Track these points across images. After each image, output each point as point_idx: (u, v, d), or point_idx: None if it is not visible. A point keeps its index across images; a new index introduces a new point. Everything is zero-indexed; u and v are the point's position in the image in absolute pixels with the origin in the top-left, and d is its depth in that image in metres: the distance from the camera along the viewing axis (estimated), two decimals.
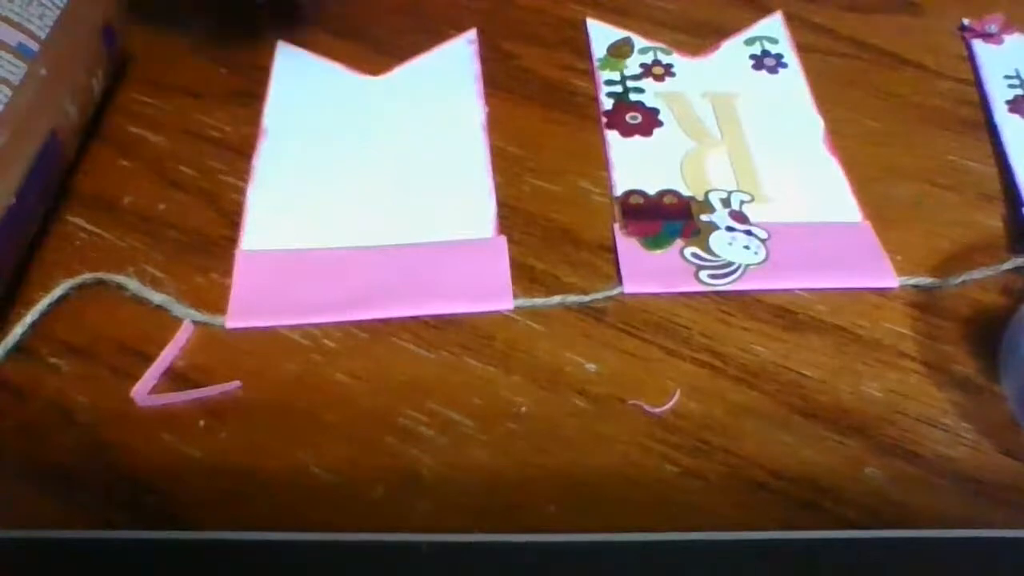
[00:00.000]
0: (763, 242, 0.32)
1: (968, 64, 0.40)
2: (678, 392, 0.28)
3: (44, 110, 0.31)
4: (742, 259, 0.31)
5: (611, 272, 0.31)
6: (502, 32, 0.41)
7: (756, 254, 0.32)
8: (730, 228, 0.32)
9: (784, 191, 0.34)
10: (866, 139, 0.36)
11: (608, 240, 0.32)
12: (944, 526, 0.25)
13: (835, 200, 0.34)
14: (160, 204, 0.33)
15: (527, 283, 0.31)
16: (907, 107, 0.38)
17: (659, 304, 0.30)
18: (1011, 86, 0.39)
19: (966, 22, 0.42)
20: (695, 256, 0.31)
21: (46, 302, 0.29)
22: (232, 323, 0.29)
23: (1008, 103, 0.38)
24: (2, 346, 0.28)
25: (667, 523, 0.25)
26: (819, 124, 0.37)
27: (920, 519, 0.25)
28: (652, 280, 0.31)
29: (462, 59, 0.40)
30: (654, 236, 0.32)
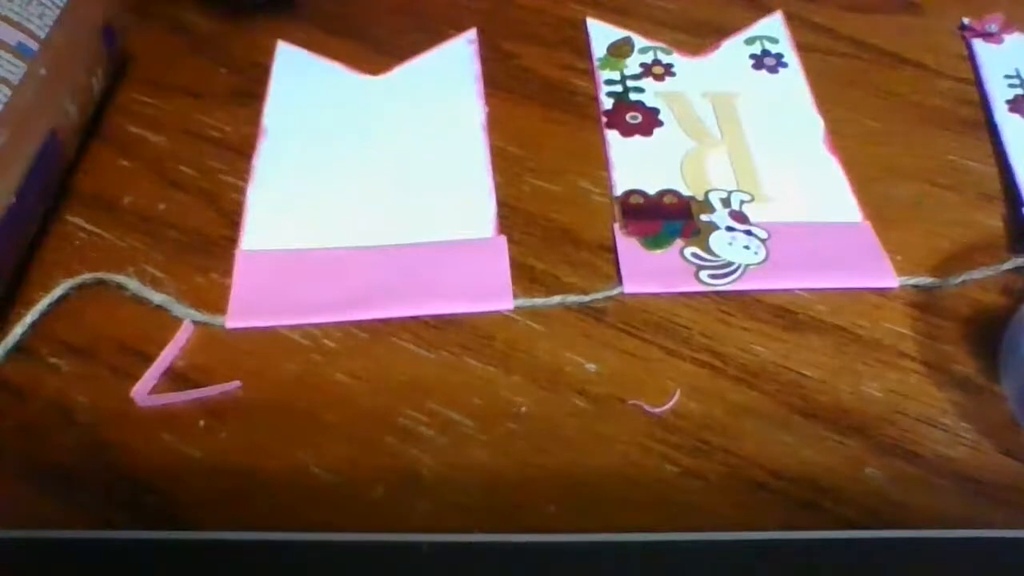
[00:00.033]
0: (763, 242, 0.32)
1: (968, 64, 0.40)
2: (678, 392, 0.28)
3: (44, 110, 0.31)
4: (742, 259, 0.31)
5: (611, 272, 0.31)
6: (502, 32, 0.41)
7: (756, 254, 0.32)
8: (730, 228, 0.32)
9: (784, 191, 0.34)
10: (866, 139, 0.36)
11: (608, 240, 0.32)
12: (944, 526, 0.25)
13: (835, 200, 0.34)
14: (160, 204, 0.33)
15: (527, 283, 0.31)
16: (907, 107, 0.38)
17: (659, 304, 0.30)
18: (1011, 86, 0.39)
19: (966, 22, 0.42)
20: (695, 256, 0.31)
21: (46, 302, 0.29)
22: (232, 323, 0.29)
23: (1008, 103, 0.38)
24: (2, 346, 0.28)
25: (667, 523, 0.25)
26: (819, 124, 0.37)
27: (920, 519, 0.25)
28: (652, 280, 0.31)
29: (462, 59, 0.40)
30: (654, 236, 0.32)
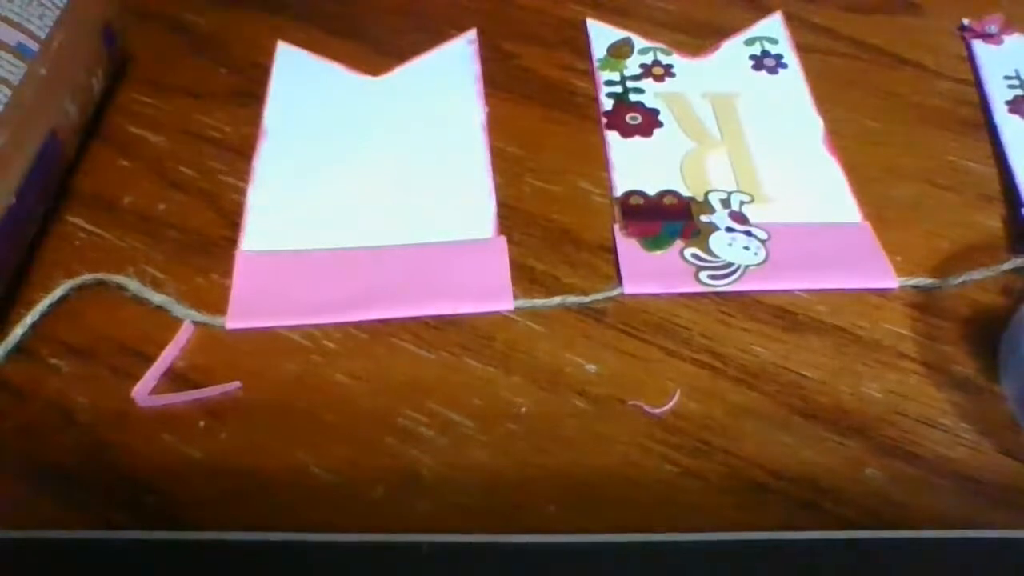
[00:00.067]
0: (763, 243, 0.32)
1: (968, 64, 0.40)
2: (678, 393, 0.28)
3: (44, 110, 0.31)
4: (742, 260, 0.31)
5: (611, 273, 0.31)
6: (502, 32, 0.41)
7: (756, 255, 0.32)
8: (730, 229, 0.32)
9: (784, 191, 0.34)
10: (866, 139, 0.36)
11: (608, 240, 0.32)
12: (944, 526, 0.25)
13: (835, 200, 0.34)
14: (160, 204, 0.33)
15: (527, 283, 0.31)
16: (907, 107, 0.38)
17: (659, 305, 0.30)
18: (1011, 86, 0.39)
19: (966, 22, 0.42)
20: (695, 257, 0.31)
21: (46, 303, 0.29)
22: (232, 323, 0.29)
23: (1008, 103, 0.38)
24: (2, 346, 0.28)
25: (667, 523, 0.25)
26: (819, 124, 0.37)
27: (920, 519, 0.25)
28: (652, 281, 0.31)
29: (462, 59, 0.40)
30: (654, 237, 0.32)
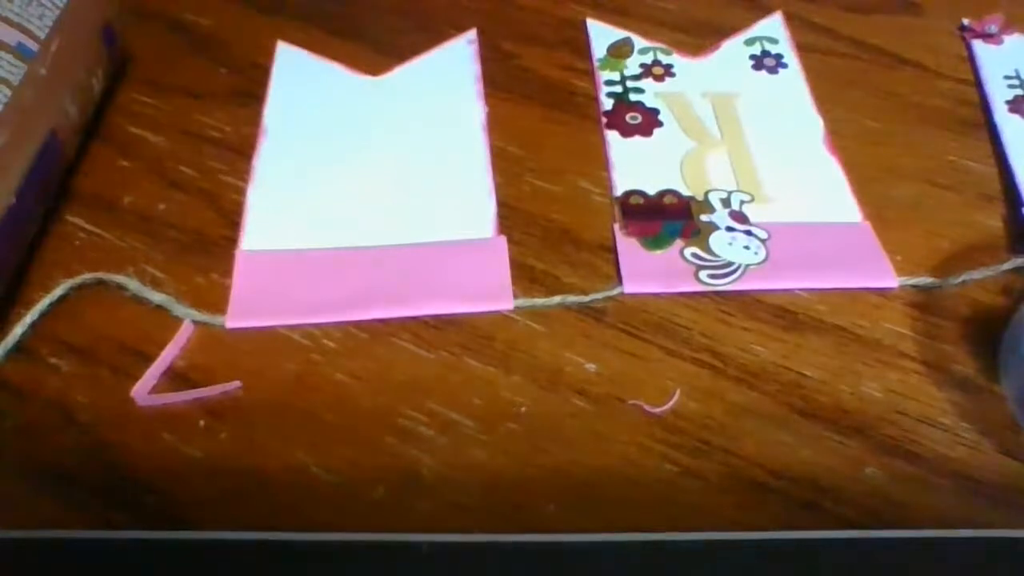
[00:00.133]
0: (763, 242, 0.32)
1: (968, 64, 0.40)
2: (678, 392, 0.28)
3: (44, 110, 0.31)
4: (742, 259, 0.31)
5: (611, 272, 0.31)
6: (502, 32, 0.41)
7: (756, 254, 0.32)
8: (730, 228, 0.32)
9: (784, 191, 0.34)
10: (866, 139, 0.36)
11: (608, 240, 0.32)
12: (944, 526, 0.25)
13: (835, 200, 0.34)
14: (160, 204, 0.33)
15: (527, 283, 0.31)
16: (907, 107, 0.38)
17: (659, 304, 0.30)
18: (1011, 86, 0.39)
19: (966, 22, 0.42)
20: (695, 256, 0.31)
21: (46, 302, 0.29)
22: (232, 323, 0.29)
23: (1008, 103, 0.38)
24: (2, 346, 0.28)
25: (667, 523, 0.25)
26: (819, 124, 0.37)
27: (920, 519, 0.25)
28: (652, 280, 0.31)
29: (462, 59, 0.40)
30: (654, 236, 0.32)
